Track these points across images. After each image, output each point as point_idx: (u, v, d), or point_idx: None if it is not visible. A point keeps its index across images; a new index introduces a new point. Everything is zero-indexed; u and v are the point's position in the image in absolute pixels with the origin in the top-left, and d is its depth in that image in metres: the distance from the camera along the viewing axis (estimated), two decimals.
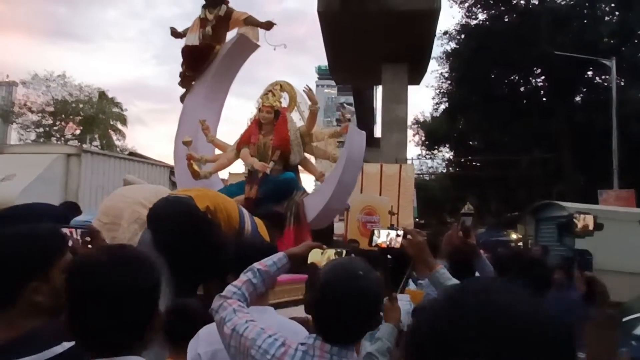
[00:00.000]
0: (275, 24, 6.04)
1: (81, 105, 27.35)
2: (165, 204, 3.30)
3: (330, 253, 2.02)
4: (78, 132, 27.48)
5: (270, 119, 5.51)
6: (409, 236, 1.99)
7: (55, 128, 27.24)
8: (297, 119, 5.95)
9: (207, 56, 6.07)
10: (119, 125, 28.77)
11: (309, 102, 5.66)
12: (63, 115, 27.22)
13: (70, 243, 1.52)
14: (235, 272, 2.08)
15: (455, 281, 2.02)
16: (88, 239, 1.53)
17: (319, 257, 1.99)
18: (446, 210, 27.32)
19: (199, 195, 3.37)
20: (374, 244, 2.15)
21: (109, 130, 28.25)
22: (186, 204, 3.25)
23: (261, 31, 6.15)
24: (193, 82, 6.30)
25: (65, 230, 1.54)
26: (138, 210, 3.37)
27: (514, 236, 15.88)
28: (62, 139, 26.12)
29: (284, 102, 5.92)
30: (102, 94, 28.36)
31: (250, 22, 6.11)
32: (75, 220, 4.44)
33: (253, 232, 3.53)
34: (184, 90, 6.38)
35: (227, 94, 6.65)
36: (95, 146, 26.56)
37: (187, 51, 6.07)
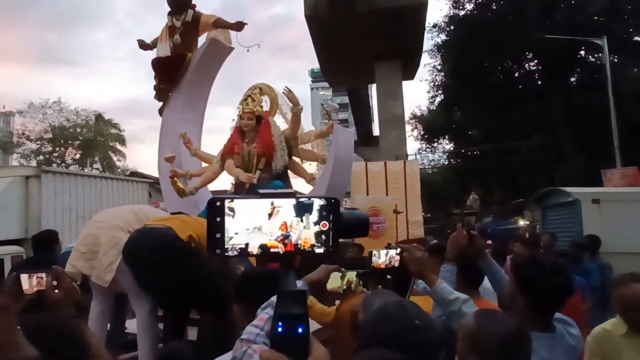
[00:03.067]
0: (246, 24, 5.73)
1: (79, 130, 27.44)
2: (141, 237, 3.08)
3: (351, 276, 1.89)
4: (78, 156, 27.51)
5: (252, 125, 5.21)
6: (405, 253, 1.96)
7: (55, 154, 27.29)
8: (280, 122, 5.65)
9: (179, 66, 5.81)
10: (118, 146, 28.80)
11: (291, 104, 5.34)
12: (62, 141, 27.28)
13: (36, 288, 1.49)
14: (241, 303, 1.92)
15: (457, 294, 1.94)
16: (55, 283, 1.48)
17: (339, 281, 1.87)
18: (451, 203, 27.12)
19: (180, 225, 3.13)
20: (373, 264, 2.08)
21: (109, 152, 28.27)
22: (165, 234, 3.03)
23: (233, 33, 5.87)
24: (170, 94, 6.06)
25: (37, 275, 1.51)
26: (116, 235, 3.23)
27: (521, 222, 15.78)
28: (63, 164, 26.13)
29: (266, 106, 5.59)
30: (99, 117, 28.45)
31: (219, 24, 5.83)
32: (68, 247, 4.29)
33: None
34: (161, 103, 6.15)
35: (206, 102, 6.42)
36: (96, 169, 26.59)
37: (157, 63, 5.82)
